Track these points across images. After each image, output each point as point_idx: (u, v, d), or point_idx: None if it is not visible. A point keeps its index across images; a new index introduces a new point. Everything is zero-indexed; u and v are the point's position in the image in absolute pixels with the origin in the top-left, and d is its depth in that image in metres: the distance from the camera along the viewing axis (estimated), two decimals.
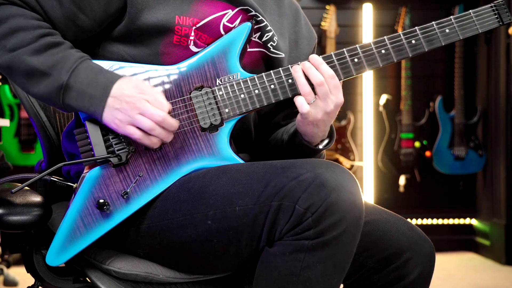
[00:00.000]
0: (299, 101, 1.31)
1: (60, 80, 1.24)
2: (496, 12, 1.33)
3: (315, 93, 1.31)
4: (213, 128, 1.32)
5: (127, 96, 1.23)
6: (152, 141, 1.25)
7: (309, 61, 1.32)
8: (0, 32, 1.25)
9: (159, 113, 1.23)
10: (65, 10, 1.29)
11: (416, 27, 1.33)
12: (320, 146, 1.42)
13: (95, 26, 1.33)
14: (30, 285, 1.39)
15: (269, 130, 1.56)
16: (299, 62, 1.33)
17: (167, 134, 1.26)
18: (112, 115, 1.24)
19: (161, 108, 1.24)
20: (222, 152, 1.32)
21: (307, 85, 1.31)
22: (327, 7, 4.22)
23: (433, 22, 1.32)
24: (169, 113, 1.26)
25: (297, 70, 1.32)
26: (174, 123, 1.26)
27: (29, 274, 1.39)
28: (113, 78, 1.25)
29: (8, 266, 3.52)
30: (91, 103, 1.24)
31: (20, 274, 3.45)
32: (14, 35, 1.24)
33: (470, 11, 1.32)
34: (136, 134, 1.24)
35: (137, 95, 1.24)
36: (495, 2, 1.33)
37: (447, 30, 1.33)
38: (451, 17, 1.33)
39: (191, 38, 1.34)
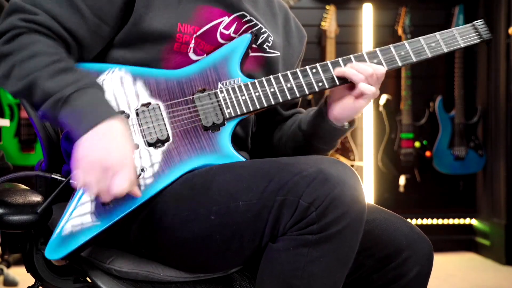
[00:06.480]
0: (364, 87, 1.37)
1: (62, 94, 1.20)
2: (476, 30, 1.43)
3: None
4: (215, 127, 1.34)
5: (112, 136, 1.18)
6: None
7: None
8: (18, 58, 1.25)
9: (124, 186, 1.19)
10: (89, 24, 1.30)
11: (404, 41, 1.41)
12: (346, 126, 1.46)
13: (112, 33, 1.36)
14: (30, 285, 1.39)
15: (273, 125, 1.60)
16: (340, 61, 1.38)
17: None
18: (89, 145, 1.18)
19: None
20: (224, 150, 1.33)
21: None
22: (327, 7, 4.23)
23: (420, 38, 1.42)
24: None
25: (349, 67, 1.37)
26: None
27: (29, 274, 1.39)
28: (110, 113, 1.21)
29: (8, 266, 3.53)
30: (80, 121, 1.20)
31: (20, 274, 3.46)
32: (31, 60, 1.24)
33: (453, 29, 1.43)
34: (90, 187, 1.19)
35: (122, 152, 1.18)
36: (474, 22, 1.44)
37: (433, 44, 1.41)
38: (436, 33, 1.42)
39: (191, 46, 1.37)
